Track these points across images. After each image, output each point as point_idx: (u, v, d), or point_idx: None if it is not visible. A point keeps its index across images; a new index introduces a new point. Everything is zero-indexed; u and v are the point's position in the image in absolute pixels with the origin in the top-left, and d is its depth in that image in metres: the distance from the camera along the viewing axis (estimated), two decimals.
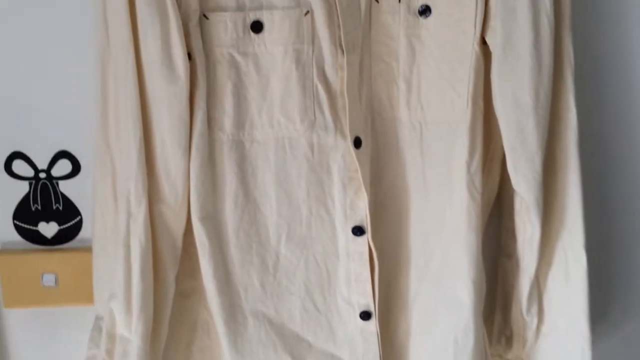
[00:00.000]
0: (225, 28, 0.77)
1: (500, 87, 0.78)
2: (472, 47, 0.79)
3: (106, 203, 0.81)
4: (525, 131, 0.78)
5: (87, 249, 0.86)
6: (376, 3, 0.80)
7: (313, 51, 0.79)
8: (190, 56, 0.76)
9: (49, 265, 0.90)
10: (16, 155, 0.87)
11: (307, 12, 0.78)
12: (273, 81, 0.80)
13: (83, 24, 0.81)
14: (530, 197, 0.79)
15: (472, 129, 0.81)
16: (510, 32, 0.77)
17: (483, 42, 0.80)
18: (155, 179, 0.78)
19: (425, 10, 0.80)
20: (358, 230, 0.83)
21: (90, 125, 0.80)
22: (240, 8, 0.77)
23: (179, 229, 0.81)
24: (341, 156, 0.82)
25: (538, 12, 0.76)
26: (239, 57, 0.78)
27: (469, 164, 0.81)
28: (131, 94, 0.75)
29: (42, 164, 0.88)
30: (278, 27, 0.78)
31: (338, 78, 0.80)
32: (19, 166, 0.88)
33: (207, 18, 0.77)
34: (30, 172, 0.88)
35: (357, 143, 0.82)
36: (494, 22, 0.78)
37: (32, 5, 0.83)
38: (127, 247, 0.77)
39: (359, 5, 0.79)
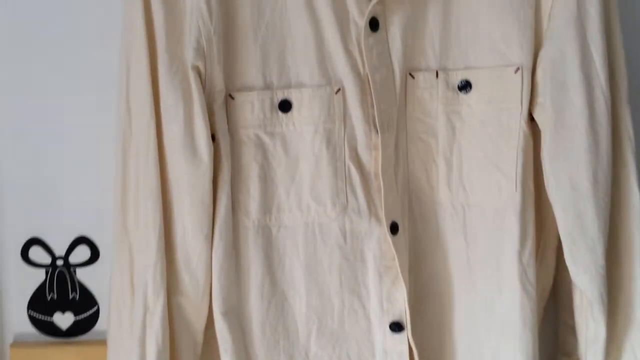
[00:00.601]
0: (252, 108, 0.73)
1: (553, 169, 0.71)
2: (518, 125, 0.73)
3: (123, 295, 0.75)
4: (584, 218, 0.70)
5: (104, 342, 0.79)
6: (412, 79, 0.75)
7: (345, 131, 0.74)
8: (214, 138, 0.72)
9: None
10: (33, 241, 0.83)
11: (339, 89, 0.74)
12: (302, 162, 0.75)
13: (104, 106, 0.78)
14: (594, 292, 0.70)
15: (522, 215, 0.73)
16: (561, 108, 0.71)
17: (531, 119, 0.74)
18: (174, 269, 0.72)
19: (465, 86, 0.75)
20: (396, 327, 0.75)
21: (110, 210, 0.76)
22: (267, 87, 0.73)
23: (199, 324, 0.74)
24: (376, 243, 0.75)
25: (592, 86, 0.70)
26: (265, 138, 0.74)
27: (520, 253, 0.72)
28: (152, 177, 0.70)
29: (60, 251, 0.84)
30: (307, 106, 0.73)
31: (372, 159, 0.74)
32: (35, 253, 0.84)
33: (232, 98, 0.73)
34: (47, 259, 0.84)
35: (394, 228, 0.75)
36: (543, 99, 0.72)
37: (55, 88, 0.82)
38: (143, 345, 0.71)
39: (393, 82, 0.74)
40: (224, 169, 0.72)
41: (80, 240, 0.84)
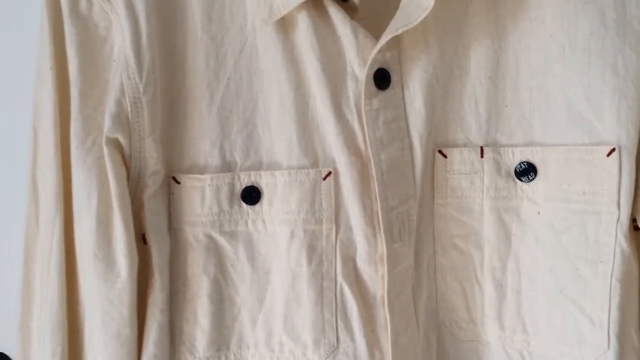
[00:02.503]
0: (203, 197, 0.50)
1: None
2: (614, 240, 0.45)
3: None
4: None
5: None
6: (442, 158, 0.50)
7: (337, 235, 0.50)
8: (145, 239, 0.50)
9: None
10: None
11: (328, 174, 0.50)
12: (275, 278, 0.51)
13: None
14: None
15: None
16: None
17: (635, 228, 0.46)
18: None
19: (527, 171, 0.48)
20: None
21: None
22: (227, 167, 0.51)
23: None
24: None
25: None
26: (222, 240, 0.51)
27: None
28: (53, 296, 0.49)
29: None
30: (282, 195, 0.50)
31: (379, 277, 0.49)
32: None
33: (178, 182, 0.51)
34: None
35: None
36: None
37: None
38: None
39: (411, 163, 0.49)
40: (156, 285, 0.50)
41: None
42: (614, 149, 0.44)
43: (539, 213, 0.48)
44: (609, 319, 0.45)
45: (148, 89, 0.48)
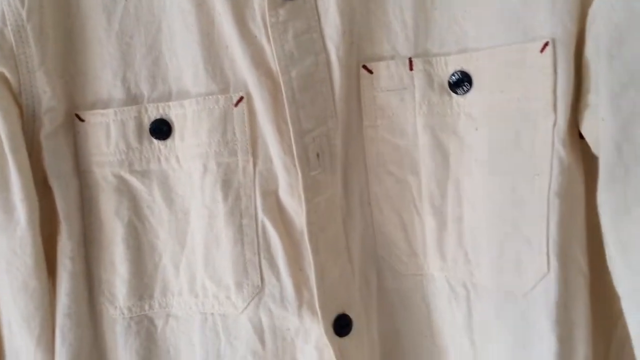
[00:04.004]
0: (108, 134, 0.46)
1: (618, 230, 0.37)
2: (550, 149, 0.39)
3: None
4: None
5: None
6: (367, 74, 0.44)
7: (255, 167, 0.45)
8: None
9: None
10: None
11: (240, 99, 0.45)
12: (194, 219, 0.47)
13: None
14: None
15: (562, 311, 0.40)
16: (633, 114, 0.36)
17: (580, 137, 0.40)
18: None
19: (461, 81, 0.43)
20: None
21: None
22: (133, 100, 0.46)
23: None
24: (316, 349, 0.45)
25: None
26: (134, 181, 0.47)
27: None
28: None
29: None
30: (192, 127, 0.45)
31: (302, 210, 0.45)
32: None
33: (82, 120, 0.46)
34: None
35: (342, 325, 0.45)
36: (596, 97, 0.38)
37: None
38: None
39: (329, 80, 0.44)
40: (62, 232, 0.46)
41: None
42: (547, 43, 0.38)
43: (476, 129, 0.43)
44: (547, 238, 0.39)
45: (32, 16, 0.43)
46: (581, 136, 0.39)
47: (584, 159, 0.40)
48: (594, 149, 0.38)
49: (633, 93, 0.35)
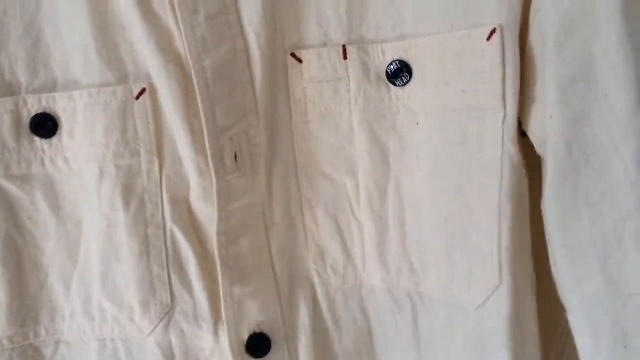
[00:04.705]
0: None
1: (566, 236, 0.35)
2: (500, 148, 0.37)
3: None
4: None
5: None
6: (295, 62, 0.40)
7: (161, 169, 0.39)
8: None
9: None
10: None
11: (142, 91, 0.38)
12: (87, 230, 0.40)
13: None
14: None
15: (514, 324, 0.37)
16: (582, 109, 0.34)
17: (522, 134, 0.38)
18: None
19: (399, 71, 0.39)
20: None
21: None
22: (8, 89, 0.38)
23: None
24: None
25: None
26: (11, 188, 0.39)
27: None
28: None
29: None
30: (84, 123, 0.38)
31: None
32: None
33: None
34: None
35: (258, 347, 0.40)
36: (541, 88, 0.36)
37: None
38: None
39: (247, 68, 0.38)
40: None
41: None
42: (494, 30, 0.35)
43: (417, 124, 0.39)
44: (499, 246, 0.37)
45: None
46: (523, 133, 0.37)
47: (527, 156, 0.38)
48: (538, 148, 0.36)
49: (583, 87, 0.33)
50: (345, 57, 0.39)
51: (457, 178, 0.37)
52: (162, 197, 0.39)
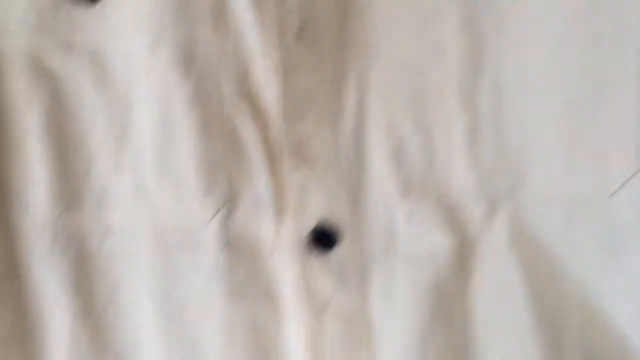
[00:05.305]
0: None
1: None
2: None
3: None
4: None
5: None
6: None
7: (222, 42, 0.35)
8: None
9: None
10: None
11: None
12: (138, 105, 0.36)
13: None
14: None
15: None
16: None
17: None
18: None
19: None
20: None
21: None
22: None
23: None
24: (295, 265, 0.38)
25: None
26: (51, 57, 0.35)
27: None
28: None
29: None
30: None
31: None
32: None
33: None
34: None
35: (322, 241, 0.37)
36: None
37: None
38: None
39: None
40: None
41: None
42: None
43: None
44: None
45: None
46: None
47: None
48: None
49: None
50: None
51: (584, 56, 0.33)
52: (222, 73, 0.35)
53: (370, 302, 0.37)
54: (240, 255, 0.37)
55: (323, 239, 0.37)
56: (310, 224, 0.37)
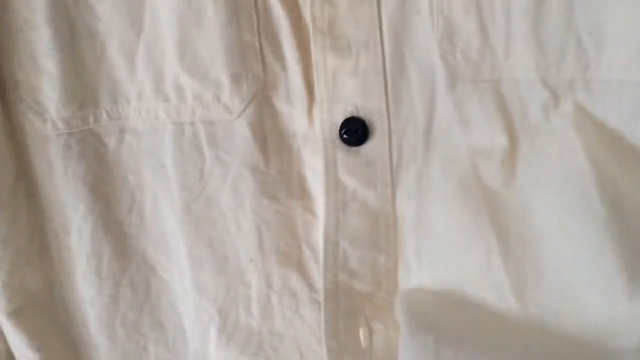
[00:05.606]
0: None
1: None
2: None
3: None
4: None
5: None
6: None
7: None
8: None
9: None
10: None
11: None
12: None
13: None
14: None
15: None
16: None
17: None
18: None
19: None
20: None
21: None
22: None
23: None
24: (324, 157, 0.35)
25: None
26: None
27: None
28: None
29: None
30: None
31: None
32: None
33: None
34: None
35: (353, 134, 0.35)
36: None
37: None
38: None
39: None
40: None
41: None
42: None
43: None
44: None
45: None
46: None
47: None
48: None
49: None
50: None
51: None
52: None
53: (399, 199, 0.35)
54: (273, 145, 0.35)
55: (352, 133, 0.35)
56: (340, 116, 0.35)
